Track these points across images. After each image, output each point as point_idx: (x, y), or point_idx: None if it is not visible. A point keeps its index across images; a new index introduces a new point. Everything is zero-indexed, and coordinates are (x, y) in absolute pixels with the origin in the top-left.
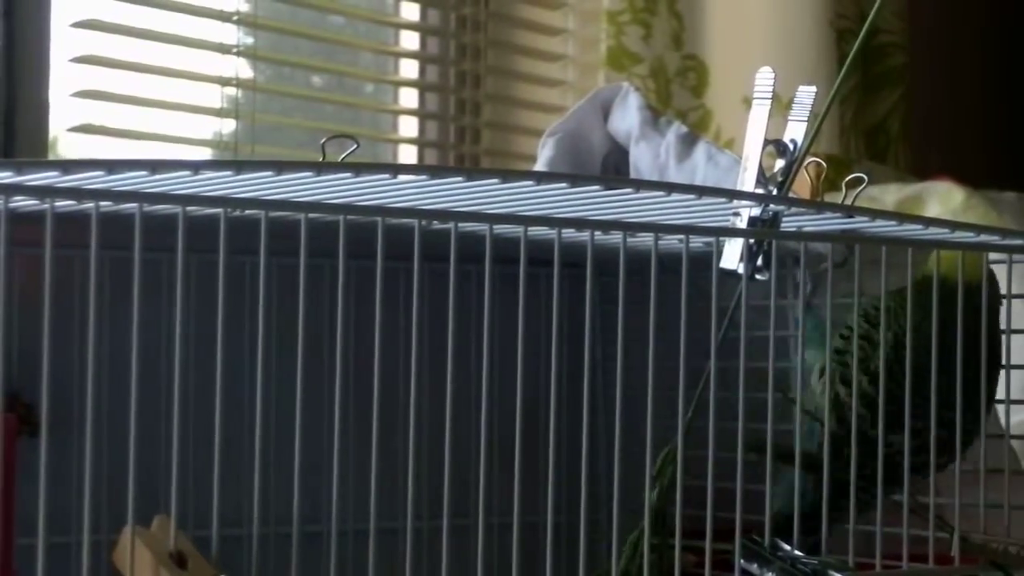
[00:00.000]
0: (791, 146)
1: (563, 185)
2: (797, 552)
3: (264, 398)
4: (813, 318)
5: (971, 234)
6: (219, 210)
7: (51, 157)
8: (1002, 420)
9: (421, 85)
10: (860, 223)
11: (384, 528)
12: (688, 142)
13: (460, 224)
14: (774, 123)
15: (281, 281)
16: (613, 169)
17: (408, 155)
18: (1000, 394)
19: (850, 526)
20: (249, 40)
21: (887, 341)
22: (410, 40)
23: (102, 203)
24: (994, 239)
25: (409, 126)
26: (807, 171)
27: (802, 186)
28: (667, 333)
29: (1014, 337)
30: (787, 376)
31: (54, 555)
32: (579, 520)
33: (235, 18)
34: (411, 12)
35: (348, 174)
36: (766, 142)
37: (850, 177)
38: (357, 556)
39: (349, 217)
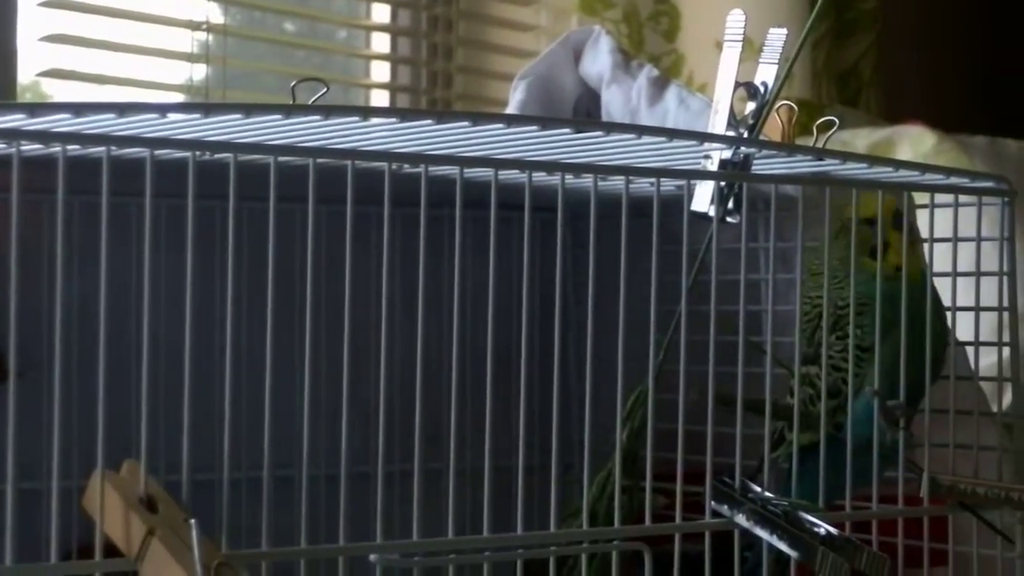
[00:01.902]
0: (762, 89)
1: (533, 128)
2: (767, 494)
3: (234, 343)
4: None
5: (941, 176)
6: (188, 153)
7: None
8: (971, 362)
9: (393, 30)
10: (831, 166)
11: (356, 472)
12: (659, 85)
13: (431, 167)
14: (746, 67)
15: (251, 225)
16: (584, 113)
17: (380, 100)
18: (969, 336)
19: (820, 471)
20: None
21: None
22: None
23: (69, 146)
24: (964, 182)
25: (381, 71)
26: (778, 114)
27: (773, 129)
28: (638, 276)
29: (982, 279)
30: (758, 320)
31: (24, 501)
32: (551, 463)
33: None
34: None
35: (318, 117)
36: (737, 85)
37: (821, 120)
38: (329, 501)
39: (319, 160)
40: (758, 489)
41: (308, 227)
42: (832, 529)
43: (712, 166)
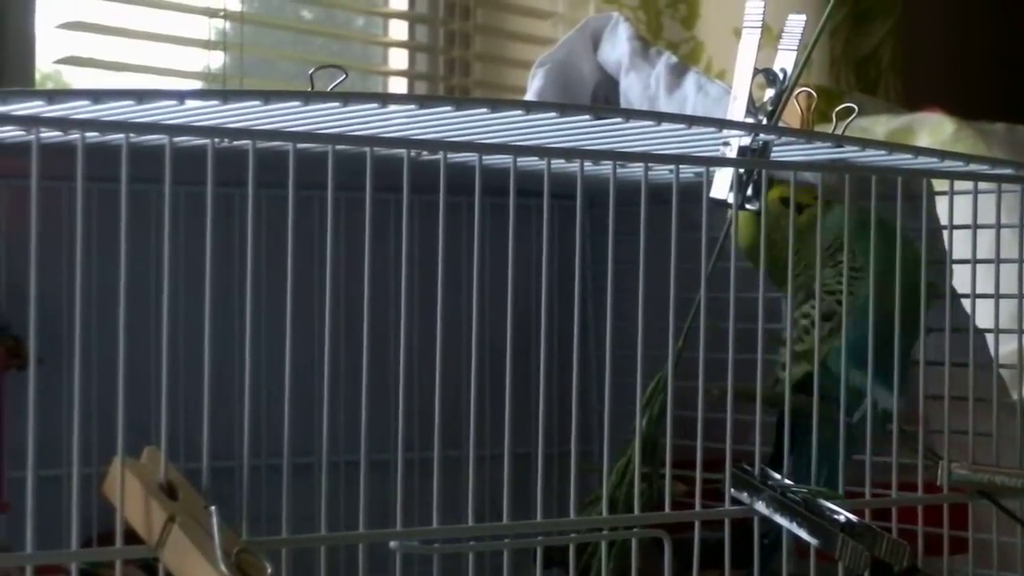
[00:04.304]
0: (781, 75)
1: (552, 115)
2: (787, 481)
3: (254, 330)
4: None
5: (960, 163)
6: (207, 140)
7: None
8: (991, 349)
9: (411, 17)
10: (850, 153)
11: (375, 460)
12: (678, 72)
13: (449, 154)
14: (764, 53)
15: (270, 212)
16: (603, 100)
17: (398, 88)
18: (988, 323)
19: (840, 458)
20: None
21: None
22: None
23: (88, 133)
24: (983, 168)
25: (399, 58)
26: (797, 101)
27: (792, 116)
28: (657, 263)
29: (1002, 266)
30: (777, 307)
31: (45, 487)
32: (570, 451)
33: None
34: None
35: (336, 104)
36: (756, 71)
37: (840, 107)
38: (348, 488)
39: (338, 147)
40: (777, 476)
41: (327, 214)
42: (852, 516)
43: (731, 153)
